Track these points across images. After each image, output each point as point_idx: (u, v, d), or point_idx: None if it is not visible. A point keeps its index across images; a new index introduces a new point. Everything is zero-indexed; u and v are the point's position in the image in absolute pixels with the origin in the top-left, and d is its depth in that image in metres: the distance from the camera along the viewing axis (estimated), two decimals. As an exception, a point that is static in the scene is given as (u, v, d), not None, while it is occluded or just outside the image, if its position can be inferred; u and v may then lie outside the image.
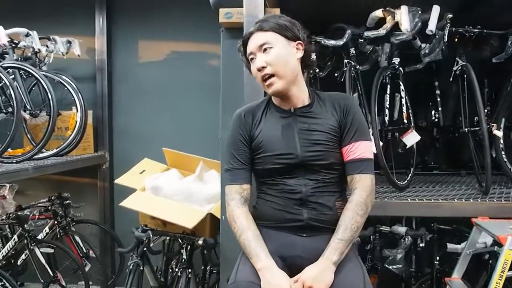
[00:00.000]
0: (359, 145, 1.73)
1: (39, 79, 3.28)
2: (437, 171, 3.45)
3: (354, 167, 1.73)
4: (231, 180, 1.80)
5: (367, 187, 1.71)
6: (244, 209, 1.76)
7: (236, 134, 1.81)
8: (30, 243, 3.38)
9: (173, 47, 4.10)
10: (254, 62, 1.75)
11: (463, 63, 2.77)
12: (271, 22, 1.73)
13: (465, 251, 2.40)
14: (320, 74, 3.04)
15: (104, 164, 4.11)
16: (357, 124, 1.76)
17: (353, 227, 1.65)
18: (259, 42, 1.72)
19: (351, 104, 1.80)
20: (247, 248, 1.66)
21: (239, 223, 1.72)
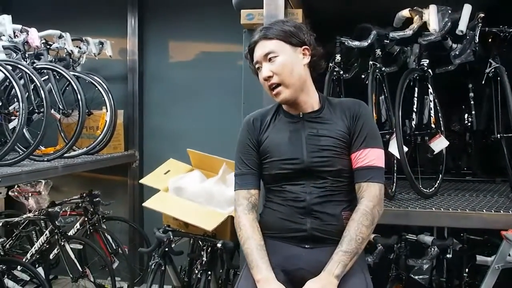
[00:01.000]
0: (369, 152, 1.68)
1: (69, 80, 3.38)
2: (470, 177, 3.28)
3: (362, 175, 1.68)
4: (239, 185, 1.79)
5: (374, 196, 1.65)
6: (250, 216, 1.74)
7: (245, 139, 1.81)
8: (60, 238, 3.49)
9: (202, 48, 4.13)
10: (261, 71, 1.73)
11: (496, 65, 2.63)
12: (275, 29, 1.69)
13: (493, 266, 2.27)
14: (345, 75, 2.95)
15: (134, 162, 4.19)
16: (367, 130, 1.71)
17: (358, 238, 1.59)
18: (264, 51, 1.69)
19: (361, 110, 1.75)
20: (249, 257, 1.65)
21: (243, 231, 1.70)
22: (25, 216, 3.71)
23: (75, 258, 3.53)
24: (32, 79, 3.16)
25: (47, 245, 3.65)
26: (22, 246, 3.99)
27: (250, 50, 1.75)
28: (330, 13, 3.03)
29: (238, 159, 1.81)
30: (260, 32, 1.71)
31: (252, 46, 1.73)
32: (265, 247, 1.67)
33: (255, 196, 1.78)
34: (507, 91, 2.44)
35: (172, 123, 4.16)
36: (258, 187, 1.80)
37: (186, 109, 4.12)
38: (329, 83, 2.65)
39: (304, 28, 1.74)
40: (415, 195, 2.64)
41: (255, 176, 1.79)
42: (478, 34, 2.64)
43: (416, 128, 2.74)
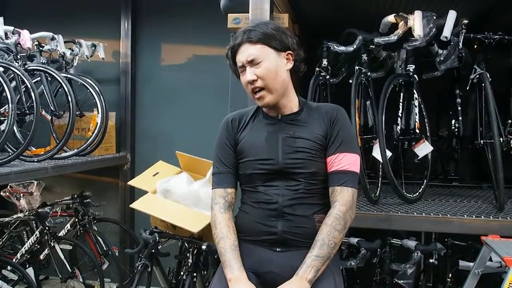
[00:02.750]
0: (344, 156, 1.68)
1: (60, 81, 3.40)
2: (457, 183, 3.29)
3: (336, 179, 1.68)
4: (216, 184, 1.80)
5: (347, 201, 1.65)
6: (226, 215, 1.74)
7: (223, 139, 1.82)
8: (50, 239, 3.51)
9: (194, 51, 4.16)
10: (244, 74, 1.71)
11: (481, 71, 2.64)
12: (259, 32, 1.67)
13: (473, 271, 2.29)
14: (332, 80, 2.98)
15: (126, 164, 4.21)
16: (343, 135, 1.71)
17: (330, 243, 1.59)
18: (249, 56, 1.67)
19: (339, 115, 1.74)
20: (222, 257, 1.65)
21: (219, 230, 1.71)
22: (16, 216, 3.72)
23: (64, 258, 3.55)
24: (24, 80, 3.19)
25: (37, 246, 3.67)
26: (13, 246, 4.01)
27: (232, 52, 1.73)
28: (317, 18, 3.06)
29: (216, 158, 1.82)
30: (243, 35, 1.68)
31: (236, 49, 1.71)
32: (239, 247, 1.68)
33: (231, 195, 1.78)
34: (489, 97, 2.45)
35: (164, 126, 4.18)
36: (235, 186, 1.81)
37: (177, 111, 4.14)
38: (314, 87, 2.67)
39: (287, 32, 1.73)
40: (399, 200, 2.65)
41: (232, 175, 1.79)
42: (463, 41, 2.65)
43: (402, 133, 2.76)
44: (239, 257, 1.65)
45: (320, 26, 3.01)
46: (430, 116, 2.95)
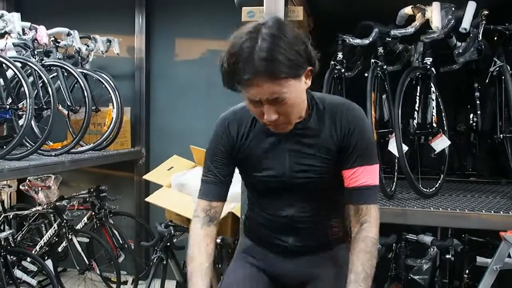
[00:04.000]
0: (363, 170, 1.44)
1: (76, 77, 3.44)
2: (474, 178, 3.23)
3: (359, 196, 1.46)
4: (201, 194, 1.57)
5: (376, 219, 1.46)
6: (202, 231, 1.52)
7: (217, 144, 1.54)
8: (68, 232, 3.58)
9: (208, 46, 4.15)
10: (258, 108, 1.35)
11: (501, 64, 2.58)
12: (284, 64, 1.24)
13: (491, 267, 2.25)
14: (348, 74, 2.94)
15: (141, 159, 4.24)
16: (361, 146, 1.44)
17: (372, 273, 1.39)
18: (272, 95, 1.29)
19: (355, 122, 1.45)
20: (189, 281, 1.48)
21: (191, 249, 1.51)
22: (34, 209, 3.82)
23: (82, 251, 3.62)
24: (41, 76, 3.23)
25: (55, 238, 3.74)
26: (32, 239, 4.09)
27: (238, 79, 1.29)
28: (332, 11, 3.02)
29: (206, 163, 1.57)
30: (261, 64, 1.23)
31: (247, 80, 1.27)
32: (210, 268, 1.49)
33: (216, 209, 1.55)
34: (509, 90, 2.40)
35: (178, 121, 4.20)
36: (222, 198, 1.56)
37: (191, 106, 4.15)
38: (329, 81, 2.64)
39: (306, 39, 1.34)
40: (416, 195, 2.62)
41: (220, 187, 1.55)
42: (483, 32, 2.59)
43: (418, 127, 2.71)
44: (206, 281, 1.46)
45: (335, 19, 2.96)
46: (448, 110, 2.89)
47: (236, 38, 1.30)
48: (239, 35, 1.30)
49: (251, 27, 1.30)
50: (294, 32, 1.30)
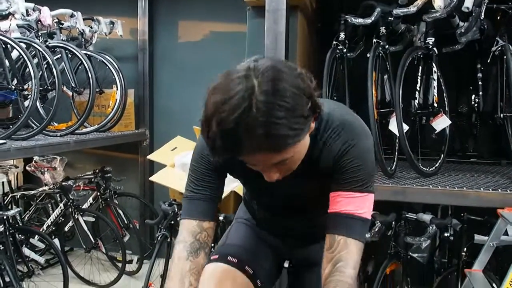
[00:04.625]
0: (349, 196, 1.19)
1: (80, 58, 3.46)
2: (475, 159, 3.25)
3: (337, 225, 1.20)
4: (186, 213, 1.30)
5: (355, 261, 1.18)
6: (189, 264, 1.25)
7: (201, 164, 1.29)
8: (74, 211, 3.65)
9: (211, 27, 4.15)
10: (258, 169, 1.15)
11: (503, 43, 2.58)
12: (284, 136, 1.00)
13: (488, 243, 2.30)
14: (350, 54, 2.95)
15: (145, 141, 4.28)
16: (351, 167, 1.19)
17: None
18: (273, 162, 1.09)
19: (348, 142, 1.20)
20: None
21: (171, 284, 1.26)
22: (41, 189, 3.89)
23: (88, 230, 3.69)
24: (45, 57, 3.25)
25: (62, 218, 3.81)
26: (39, 219, 4.17)
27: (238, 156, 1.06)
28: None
29: (189, 178, 1.32)
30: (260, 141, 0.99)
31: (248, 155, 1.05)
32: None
33: (207, 231, 1.28)
34: (511, 69, 2.41)
35: (181, 103, 4.22)
36: (214, 218, 1.31)
37: (195, 88, 4.08)
38: (330, 61, 2.66)
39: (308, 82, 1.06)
40: (416, 174, 2.65)
41: (211, 204, 1.29)
42: (485, 12, 2.60)
43: (419, 107, 2.73)
44: None
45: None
46: (450, 92, 2.89)
47: (223, 104, 0.99)
48: (224, 98, 1.00)
49: (239, 89, 0.99)
50: (293, 83, 1.01)
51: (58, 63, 3.41)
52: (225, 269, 1.40)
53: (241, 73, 1.02)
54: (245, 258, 1.45)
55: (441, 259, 3.02)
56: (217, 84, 1.04)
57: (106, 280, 3.75)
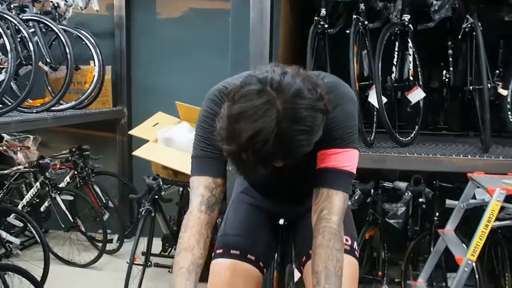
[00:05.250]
0: (333, 152, 1.28)
1: (57, 33, 3.40)
2: (445, 132, 3.45)
3: (321, 179, 1.28)
4: (201, 170, 1.32)
5: (338, 208, 1.26)
6: (205, 217, 1.29)
7: (210, 121, 1.31)
8: (51, 190, 3.60)
9: (190, 4, 4.14)
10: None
11: (473, 21, 2.74)
12: (304, 150, 1.11)
13: (459, 205, 2.48)
14: (330, 30, 3.05)
15: (123, 118, 4.25)
16: (336, 128, 1.27)
17: (336, 270, 1.21)
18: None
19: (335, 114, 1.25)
20: (173, 277, 1.25)
21: (186, 237, 1.27)
22: (15, 168, 3.78)
23: (66, 209, 3.64)
24: (19, 30, 3.18)
25: (37, 199, 3.74)
26: (11, 200, 4.07)
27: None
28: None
29: (199, 138, 1.34)
30: (284, 154, 1.09)
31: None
32: (200, 268, 1.27)
33: (221, 187, 1.33)
34: (480, 45, 2.58)
35: (160, 80, 4.21)
36: (225, 176, 1.35)
37: (174, 65, 4.17)
38: (313, 36, 2.75)
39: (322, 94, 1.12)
40: (393, 144, 2.79)
41: (221, 163, 1.32)
42: (457, -11, 2.74)
43: (396, 81, 2.87)
44: (192, 285, 1.23)
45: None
46: (422, 68, 3.05)
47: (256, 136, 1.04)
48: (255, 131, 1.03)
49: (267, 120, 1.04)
50: (311, 105, 1.07)
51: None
52: (231, 264, 1.52)
53: (265, 97, 1.05)
54: (246, 246, 1.55)
55: (414, 227, 3.21)
56: (242, 109, 1.05)
57: (86, 259, 3.72)
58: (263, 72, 1.10)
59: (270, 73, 1.09)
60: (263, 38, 2.53)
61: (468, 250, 2.09)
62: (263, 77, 1.08)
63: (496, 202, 2.00)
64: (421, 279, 2.64)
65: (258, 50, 2.52)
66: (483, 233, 2.02)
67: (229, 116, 1.06)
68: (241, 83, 1.10)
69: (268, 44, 2.50)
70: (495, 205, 2.00)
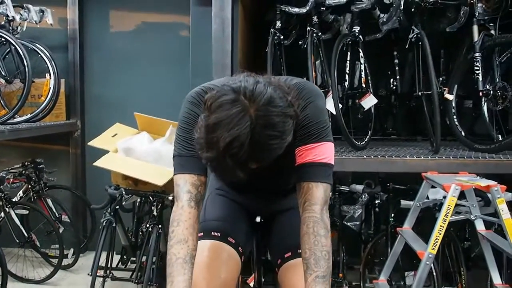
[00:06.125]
0: (309, 148, 1.35)
1: (15, 45, 3.37)
2: (394, 137, 3.65)
3: (300, 174, 1.36)
4: (184, 168, 1.37)
5: (318, 198, 1.33)
6: (195, 211, 1.35)
7: (191, 121, 1.36)
8: (5, 204, 3.47)
9: (143, 18, 4.17)
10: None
11: (418, 31, 2.96)
12: (276, 153, 1.19)
13: (415, 204, 2.59)
14: (285, 42, 3.18)
15: (76, 131, 4.19)
16: (309, 125, 1.35)
17: (324, 254, 1.29)
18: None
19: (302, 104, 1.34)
20: (170, 267, 1.30)
21: (180, 230, 1.32)
22: (-33, 183, 3.62)
23: (20, 224, 3.53)
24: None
25: (-13, 216, 3.60)
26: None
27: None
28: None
29: (182, 138, 1.39)
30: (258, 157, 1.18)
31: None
32: (194, 259, 1.33)
33: (204, 185, 1.40)
34: (427, 51, 2.79)
35: (114, 93, 4.19)
36: (207, 175, 1.41)
37: (129, 77, 4.17)
38: (272, 47, 2.87)
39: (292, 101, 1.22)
40: (348, 148, 2.93)
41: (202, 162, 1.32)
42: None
43: (349, 89, 3.04)
44: (189, 275, 1.29)
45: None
46: (371, 77, 3.24)
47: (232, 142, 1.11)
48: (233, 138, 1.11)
49: (242, 127, 1.11)
50: (282, 111, 1.16)
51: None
52: (213, 244, 1.57)
53: (239, 106, 1.12)
54: (226, 229, 1.61)
55: (368, 231, 3.34)
56: (218, 119, 1.12)
57: (41, 275, 3.60)
58: (236, 81, 1.18)
59: (244, 82, 1.17)
60: (225, 47, 2.63)
61: (428, 244, 2.18)
62: (237, 86, 1.16)
63: (452, 198, 2.14)
64: (383, 277, 2.74)
65: (220, 59, 2.62)
66: (441, 227, 2.14)
67: (206, 126, 1.14)
68: (217, 93, 1.17)
69: (230, 53, 2.60)
70: (451, 201, 2.14)
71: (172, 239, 1.32)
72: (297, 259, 1.49)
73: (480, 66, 2.84)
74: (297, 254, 1.44)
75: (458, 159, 2.65)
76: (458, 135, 3.04)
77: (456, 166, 2.62)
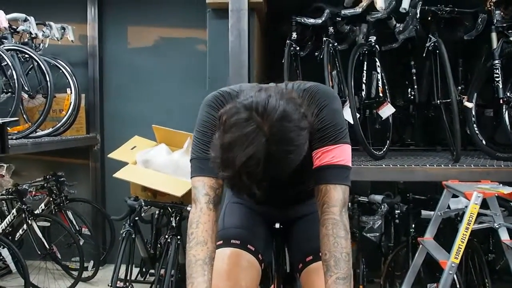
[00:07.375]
0: (326, 150, 1.34)
1: (38, 62, 3.47)
2: (413, 147, 3.61)
3: (318, 177, 1.35)
4: (202, 170, 1.37)
5: (337, 200, 1.32)
6: (214, 214, 1.36)
7: (209, 124, 1.39)
8: (28, 216, 3.54)
9: (161, 33, 4.25)
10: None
11: (435, 39, 2.94)
12: (293, 166, 1.19)
13: (436, 213, 2.55)
14: (301, 53, 3.20)
15: (96, 145, 4.26)
16: (326, 127, 1.35)
17: (344, 256, 1.28)
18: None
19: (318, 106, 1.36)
20: (190, 268, 1.31)
21: (199, 231, 1.33)
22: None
23: (42, 236, 3.59)
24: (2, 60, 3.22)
25: (10, 228, 3.67)
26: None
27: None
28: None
29: (199, 142, 1.40)
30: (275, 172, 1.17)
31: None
32: (213, 261, 1.34)
33: (221, 188, 1.40)
34: (445, 59, 2.77)
35: (132, 107, 4.26)
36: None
37: (146, 93, 4.24)
38: (289, 58, 2.89)
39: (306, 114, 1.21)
40: (366, 158, 2.91)
41: None
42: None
43: (366, 98, 3.03)
44: (210, 277, 1.30)
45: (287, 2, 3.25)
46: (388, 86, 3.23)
47: (248, 160, 1.11)
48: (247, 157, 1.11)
49: (256, 145, 1.11)
50: (297, 125, 1.15)
51: (8, 67, 3.37)
52: (232, 252, 1.57)
53: (253, 125, 1.12)
54: (246, 237, 1.62)
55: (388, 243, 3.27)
56: (232, 139, 1.12)
57: (62, 287, 3.64)
58: (247, 97, 1.17)
59: (255, 97, 1.16)
60: (242, 59, 2.66)
61: (451, 253, 2.14)
62: (249, 102, 1.15)
63: (474, 205, 2.10)
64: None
65: (237, 70, 2.64)
66: (464, 236, 2.11)
67: (222, 145, 1.14)
68: (230, 110, 1.16)
69: (247, 64, 2.62)
70: (474, 208, 2.10)
71: (191, 241, 1.32)
72: (318, 262, 1.46)
73: (500, 74, 2.81)
74: (318, 257, 1.42)
75: (480, 167, 2.61)
76: (479, 144, 2.99)
77: (478, 174, 2.57)
